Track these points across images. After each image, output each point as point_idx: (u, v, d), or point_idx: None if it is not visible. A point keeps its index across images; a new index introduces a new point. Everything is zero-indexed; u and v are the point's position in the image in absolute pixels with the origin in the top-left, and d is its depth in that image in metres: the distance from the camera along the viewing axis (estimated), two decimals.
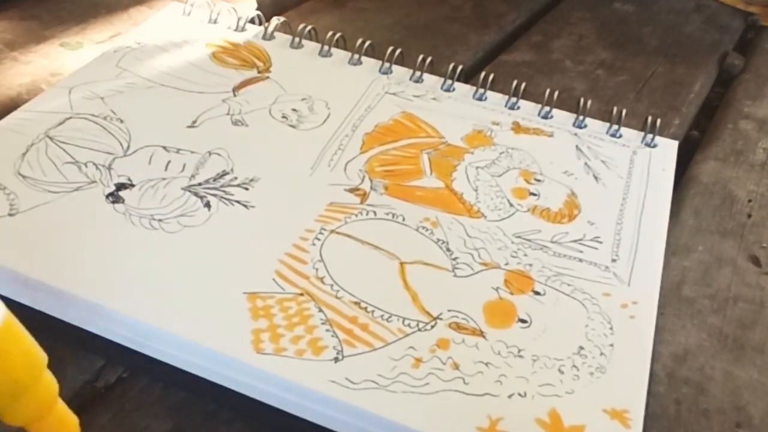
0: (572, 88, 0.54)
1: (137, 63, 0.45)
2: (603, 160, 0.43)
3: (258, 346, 0.29)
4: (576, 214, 0.39)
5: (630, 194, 0.40)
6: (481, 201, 0.39)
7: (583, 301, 0.34)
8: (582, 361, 0.31)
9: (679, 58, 0.60)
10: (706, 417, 0.32)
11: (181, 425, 0.29)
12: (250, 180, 0.38)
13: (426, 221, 0.37)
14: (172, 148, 0.39)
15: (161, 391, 0.31)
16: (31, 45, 0.51)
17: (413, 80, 0.47)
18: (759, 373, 0.34)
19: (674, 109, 0.53)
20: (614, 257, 0.36)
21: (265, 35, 0.50)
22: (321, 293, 0.32)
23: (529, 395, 0.29)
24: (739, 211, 0.44)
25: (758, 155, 0.49)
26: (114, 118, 0.41)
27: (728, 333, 0.36)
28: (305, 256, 0.34)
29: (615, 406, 0.29)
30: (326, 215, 0.36)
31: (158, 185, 0.37)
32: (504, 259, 0.35)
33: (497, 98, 0.47)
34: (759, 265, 0.40)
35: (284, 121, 0.43)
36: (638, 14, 0.67)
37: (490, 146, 0.43)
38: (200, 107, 0.43)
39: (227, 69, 0.46)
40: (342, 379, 0.29)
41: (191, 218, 0.35)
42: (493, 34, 0.61)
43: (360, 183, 0.39)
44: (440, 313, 0.32)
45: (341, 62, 0.48)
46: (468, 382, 0.29)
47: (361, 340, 0.30)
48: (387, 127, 0.43)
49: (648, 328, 0.33)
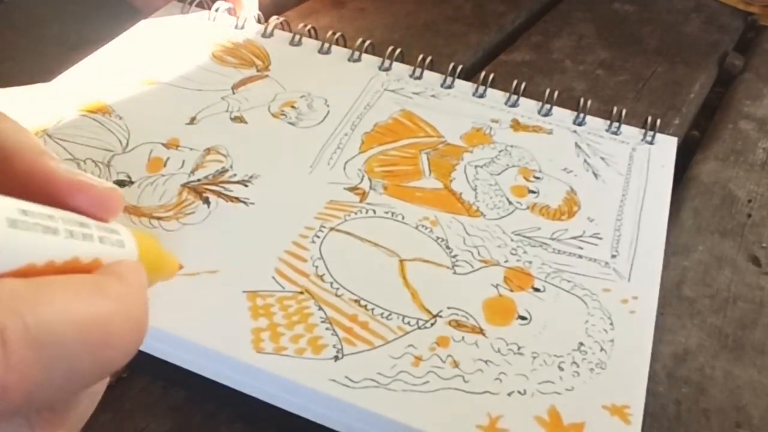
0: (572, 88, 0.54)
1: (136, 61, 0.45)
2: (602, 156, 0.43)
3: (258, 346, 0.29)
4: (575, 210, 0.39)
5: (629, 190, 0.40)
6: (480, 200, 0.39)
7: (583, 297, 0.33)
8: (582, 358, 0.31)
9: (679, 58, 0.60)
10: (706, 417, 0.32)
11: (181, 425, 0.29)
12: (250, 177, 0.38)
13: (425, 220, 0.37)
14: (171, 145, 0.39)
15: (161, 391, 0.31)
16: (30, 44, 0.51)
17: (413, 77, 0.47)
18: (759, 373, 0.34)
19: (674, 109, 0.53)
20: (614, 253, 0.36)
21: (264, 34, 0.50)
22: (321, 291, 0.32)
23: (529, 392, 0.29)
24: (739, 211, 0.44)
25: (758, 155, 0.49)
26: (113, 115, 0.41)
27: (728, 333, 0.36)
28: (305, 253, 0.34)
29: (615, 401, 0.29)
30: (326, 213, 0.36)
31: (157, 182, 0.37)
32: (503, 257, 0.35)
33: (497, 96, 0.47)
34: (759, 265, 0.40)
35: (283, 118, 0.42)
36: (638, 14, 0.67)
37: (489, 144, 0.43)
38: (199, 105, 0.42)
39: (226, 67, 0.46)
40: (342, 378, 0.29)
41: (190, 216, 0.35)
42: (493, 34, 0.61)
43: (359, 182, 0.39)
44: (440, 311, 0.32)
45: (340, 59, 0.48)
46: (468, 380, 0.29)
47: (361, 338, 0.30)
48: (386, 126, 0.43)
49: (648, 323, 0.33)
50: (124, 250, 0.21)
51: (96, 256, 0.19)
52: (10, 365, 0.14)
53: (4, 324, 0.14)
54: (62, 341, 0.16)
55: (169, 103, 0.42)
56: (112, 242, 0.20)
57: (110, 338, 0.17)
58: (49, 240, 0.17)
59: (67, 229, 0.18)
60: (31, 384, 0.15)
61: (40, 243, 0.17)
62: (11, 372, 0.14)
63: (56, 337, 0.15)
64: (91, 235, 0.19)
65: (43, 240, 0.17)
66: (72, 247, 0.18)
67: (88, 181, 0.20)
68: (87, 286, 0.17)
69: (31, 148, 0.19)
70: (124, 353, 0.18)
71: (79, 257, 0.18)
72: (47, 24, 0.53)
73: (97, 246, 0.19)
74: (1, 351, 0.14)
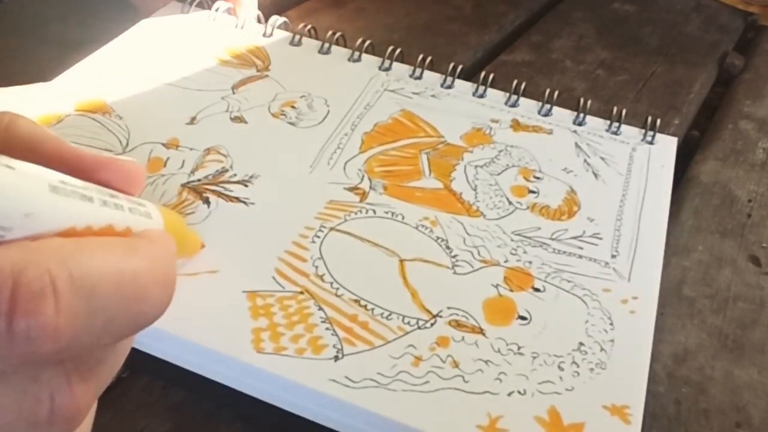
0: (572, 88, 0.54)
1: (136, 60, 0.45)
2: (602, 156, 0.43)
3: (258, 346, 0.29)
4: (575, 210, 0.39)
5: (629, 190, 0.40)
6: (480, 200, 0.39)
7: (583, 297, 0.33)
8: (582, 358, 0.31)
9: (679, 57, 0.60)
10: (706, 417, 0.32)
11: (181, 425, 0.29)
12: (250, 177, 0.38)
13: (425, 220, 0.37)
14: (171, 145, 0.39)
15: (161, 391, 0.31)
16: (30, 44, 0.51)
17: (413, 77, 0.47)
18: (759, 373, 0.34)
19: (674, 109, 0.53)
20: (614, 253, 0.36)
21: (264, 33, 0.50)
22: (321, 291, 0.32)
23: (529, 393, 0.29)
24: (739, 211, 0.44)
25: (758, 155, 0.49)
26: (113, 115, 0.41)
27: (728, 333, 0.36)
28: (305, 253, 0.34)
29: (615, 402, 0.29)
30: (326, 213, 0.36)
31: (157, 182, 0.37)
32: (503, 257, 0.35)
33: (497, 96, 0.47)
34: (759, 265, 0.40)
35: (283, 118, 0.42)
36: (638, 14, 0.67)
37: (489, 144, 0.43)
38: (199, 105, 0.43)
39: (226, 67, 0.46)
40: (342, 378, 0.29)
41: (191, 216, 0.35)
42: (493, 34, 0.61)
43: (359, 182, 0.39)
44: (440, 311, 0.32)
45: (341, 59, 0.48)
46: (468, 380, 0.29)
47: (361, 338, 0.30)
48: (386, 126, 0.43)
49: (648, 323, 0.33)
50: (151, 221, 0.22)
51: (127, 224, 0.20)
52: (60, 309, 0.16)
53: (55, 274, 0.16)
54: (102, 293, 0.17)
55: (169, 103, 0.42)
56: (141, 213, 0.22)
57: (143, 293, 0.19)
58: (87, 207, 0.19)
59: (101, 199, 0.20)
60: (77, 328, 0.17)
61: (79, 209, 0.19)
62: (61, 315, 0.16)
63: (97, 289, 0.17)
64: (122, 205, 0.21)
65: (81, 206, 0.19)
66: (106, 214, 0.20)
67: (113, 158, 0.22)
68: (122, 246, 0.19)
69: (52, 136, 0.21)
70: (156, 308, 0.20)
71: (112, 225, 0.20)
72: (47, 24, 0.53)
73: (128, 215, 0.21)
74: (53, 296, 0.16)
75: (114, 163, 0.22)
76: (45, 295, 0.16)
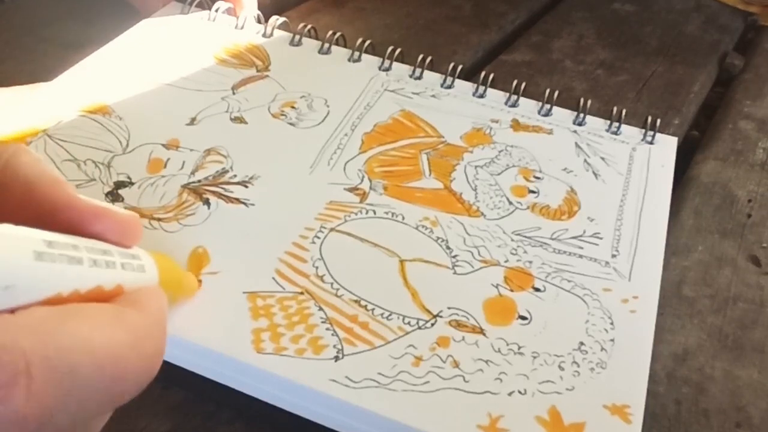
0: (572, 88, 0.54)
1: (136, 61, 0.45)
2: (602, 156, 0.43)
3: (258, 346, 0.29)
4: (576, 210, 0.39)
5: (630, 190, 0.40)
6: (480, 200, 0.39)
7: (584, 297, 0.33)
8: (582, 357, 0.31)
9: (679, 58, 0.60)
10: (706, 417, 0.32)
11: (181, 425, 0.29)
12: (250, 178, 0.38)
13: (425, 220, 0.37)
14: (171, 146, 0.39)
15: (161, 391, 0.31)
16: (30, 44, 0.51)
17: (413, 77, 0.47)
18: (759, 373, 0.34)
19: (674, 109, 0.53)
20: (614, 253, 0.36)
21: (264, 34, 0.50)
22: (321, 292, 0.32)
23: (529, 392, 0.29)
24: (739, 211, 0.44)
25: (758, 155, 0.49)
26: (113, 116, 0.41)
27: (728, 333, 0.36)
28: (305, 254, 0.34)
29: (615, 401, 0.29)
30: (326, 213, 0.36)
31: (157, 183, 0.37)
32: (504, 257, 0.35)
33: (497, 96, 0.47)
34: (759, 265, 0.40)
35: (283, 118, 0.42)
36: (638, 14, 0.67)
37: (489, 144, 0.43)
38: (199, 105, 0.42)
39: (226, 67, 0.46)
40: (342, 378, 0.29)
41: (191, 217, 0.35)
42: (493, 34, 0.61)
43: (359, 183, 0.39)
44: (440, 311, 0.32)
45: (341, 59, 0.48)
46: (468, 380, 0.29)
47: (362, 338, 0.30)
48: (386, 126, 0.43)
49: (648, 323, 0.33)
50: (145, 274, 0.21)
51: (118, 282, 0.20)
52: (31, 394, 0.15)
53: (30, 357, 0.15)
54: (81, 374, 0.16)
55: (169, 104, 0.42)
56: (134, 268, 0.21)
57: (124, 372, 0.18)
58: (75, 270, 0.18)
59: (91, 258, 0.19)
60: (48, 413, 0.16)
61: (66, 273, 0.18)
62: (32, 401, 0.15)
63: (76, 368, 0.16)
64: (114, 262, 0.20)
65: (68, 270, 0.18)
66: (96, 275, 0.19)
67: (109, 208, 0.21)
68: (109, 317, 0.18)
69: (51, 179, 0.20)
70: (135, 386, 0.19)
71: (102, 285, 0.19)
72: (47, 24, 0.53)
73: (120, 273, 0.20)
74: (26, 380, 0.15)
75: (109, 215, 0.21)
76: (17, 383, 0.15)
